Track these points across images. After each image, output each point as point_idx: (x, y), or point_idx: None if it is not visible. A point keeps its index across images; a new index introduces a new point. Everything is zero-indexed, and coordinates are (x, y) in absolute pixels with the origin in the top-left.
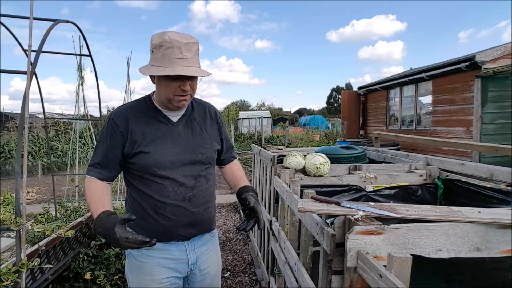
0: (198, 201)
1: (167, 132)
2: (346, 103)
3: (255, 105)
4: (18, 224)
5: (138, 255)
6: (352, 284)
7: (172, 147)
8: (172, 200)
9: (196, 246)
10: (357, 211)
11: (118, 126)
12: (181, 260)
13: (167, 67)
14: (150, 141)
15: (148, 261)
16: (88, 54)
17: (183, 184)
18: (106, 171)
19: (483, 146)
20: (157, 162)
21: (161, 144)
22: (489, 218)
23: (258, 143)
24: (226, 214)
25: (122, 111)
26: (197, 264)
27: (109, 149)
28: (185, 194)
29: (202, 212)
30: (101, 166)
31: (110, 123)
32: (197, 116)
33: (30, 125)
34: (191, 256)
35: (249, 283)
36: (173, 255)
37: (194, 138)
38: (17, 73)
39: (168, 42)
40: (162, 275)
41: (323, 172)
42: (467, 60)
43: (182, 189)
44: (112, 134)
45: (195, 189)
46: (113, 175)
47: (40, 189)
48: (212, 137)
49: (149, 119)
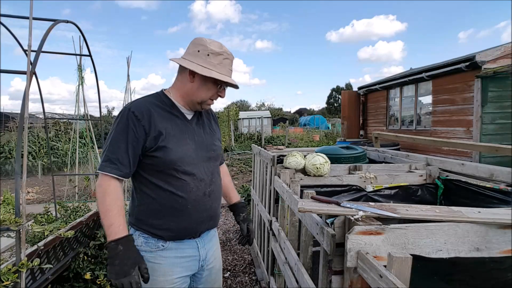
0: (216, 196)
1: (184, 128)
2: (346, 103)
3: (255, 105)
4: (18, 224)
5: (150, 256)
6: (352, 284)
7: (190, 143)
8: (195, 196)
9: (205, 242)
10: (357, 211)
11: (139, 120)
12: (194, 257)
13: (223, 75)
14: (173, 136)
15: (163, 262)
16: (88, 54)
17: (203, 179)
18: (125, 167)
19: (483, 146)
20: (180, 157)
21: (181, 139)
22: (489, 218)
23: (258, 143)
24: (226, 214)
25: (143, 104)
26: (206, 259)
27: (129, 143)
28: (205, 189)
29: (217, 206)
30: (119, 161)
31: (130, 116)
32: (204, 116)
33: (30, 125)
34: (202, 253)
35: (249, 283)
36: (186, 253)
37: (206, 135)
38: (17, 73)
39: (228, 54)
40: (175, 275)
41: (323, 172)
42: (467, 60)
43: (202, 184)
44: (133, 128)
45: (212, 185)
46: (131, 171)
47: (40, 189)
48: (218, 137)
49: (167, 114)
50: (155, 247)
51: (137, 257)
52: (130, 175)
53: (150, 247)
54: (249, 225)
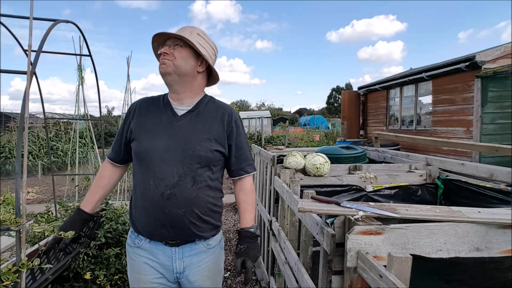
0: (179, 202)
1: (167, 123)
2: (346, 103)
3: (255, 105)
4: (18, 224)
5: (130, 251)
6: (352, 284)
7: (165, 139)
8: (152, 194)
9: (185, 255)
10: (357, 211)
11: (129, 113)
12: (166, 266)
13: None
14: (145, 130)
15: (137, 259)
16: (88, 54)
17: (164, 179)
18: (114, 152)
19: (483, 146)
20: (145, 151)
21: (154, 135)
22: (489, 218)
23: (258, 143)
24: (226, 214)
25: (138, 101)
26: (184, 274)
27: (120, 132)
28: (164, 190)
29: (182, 215)
30: (113, 148)
31: (128, 110)
32: (206, 114)
33: (30, 125)
34: (177, 264)
35: (249, 283)
36: (158, 259)
37: (192, 133)
38: (17, 73)
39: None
40: (150, 275)
41: (323, 172)
42: (467, 60)
43: (162, 184)
44: (125, 120)
45: (176, 188)
46: (118, 157)
47: (40, 189)
48: (214, 137)
49: (157, 110)
50: (133, 243)
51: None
52: (119, 161)
53: (131, 241)
54: (245, 262)
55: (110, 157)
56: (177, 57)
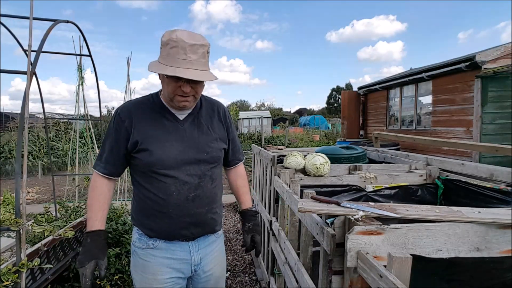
0: (202, 202)
1: (172, 129)
2: (346, 103)
3: (255, 105)
4: (18, 225)
5: (142, 254)
6: (352, 284)
7: (176, 145)
8: (175, 200)
9: (201, 247)
10: (357, 211)
11: (123, 121)
12: (185, 260)
13: (169, 66)
14: (154, 139)
15: (152, 260)
16: (88, 54)
17: (187, 183)
18: (111, 165)
19: (483, 146)
20: (159, 160)
21: (164, 142)
22: (489, 218)
23: (258, 143)
24: (226, 214)
25: (128, 107)
26: (201, 265)
27: (114, 143)
28: (188, 193)
29: (205, 212)
30: (106, 160)
31: (116, 118)
32: (204, 115)
33: (30, 125)
34: (195, 257)
35: (249, 283)
36: (176, 255)
37: (200, 136)
38: (17, 73)
39: (174, 41)
40: (165, 275)
41: (323, 172)
42: (467, 60)
43: (185, 188)
44: (117, 129)
45: (199, 189)
46: (118, 170)
47: (40, 189)
48: (219, 136)
49: (155, 115)
50: (146, 245)
51: (97, 253)
52: (118, 173)
53: (142, 244)
54: (254, 237)
55: (107, 173)
56: (198, 92)
